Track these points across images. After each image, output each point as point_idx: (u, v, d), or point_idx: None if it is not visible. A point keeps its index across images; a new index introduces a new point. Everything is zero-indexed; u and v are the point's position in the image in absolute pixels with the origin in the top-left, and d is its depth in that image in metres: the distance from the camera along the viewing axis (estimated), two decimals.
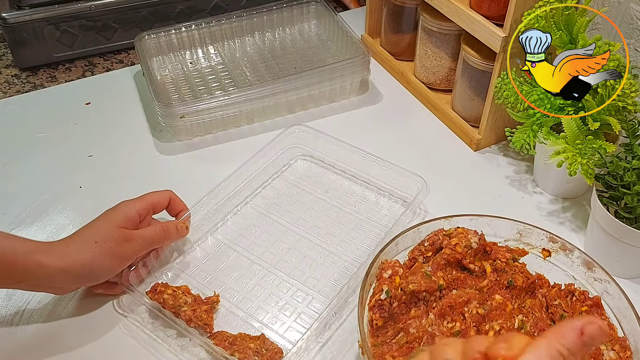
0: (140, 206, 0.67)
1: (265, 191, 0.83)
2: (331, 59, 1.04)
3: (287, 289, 0.71)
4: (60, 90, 1.02)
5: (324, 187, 0.84)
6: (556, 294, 0.63)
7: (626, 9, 0.80)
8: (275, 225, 0.78)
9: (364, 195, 0.82)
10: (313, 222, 0.79)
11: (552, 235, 0.66)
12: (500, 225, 0.68)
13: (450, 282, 0.61)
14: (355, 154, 0.83)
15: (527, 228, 0.67)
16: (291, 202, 0.81)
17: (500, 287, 0.62)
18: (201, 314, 0.64)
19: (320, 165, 0.87)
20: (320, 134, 0.85)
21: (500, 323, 0.58)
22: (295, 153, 0.88)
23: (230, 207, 0.80)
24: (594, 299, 0.62)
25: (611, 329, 0.60)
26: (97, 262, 0.62)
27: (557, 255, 0.67)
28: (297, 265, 0.73)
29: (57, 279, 0.61)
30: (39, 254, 0.59)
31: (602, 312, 0.62)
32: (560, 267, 0.67)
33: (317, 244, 0.76)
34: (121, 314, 0.67)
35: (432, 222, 0.66)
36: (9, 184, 0.84)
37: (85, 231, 0.64)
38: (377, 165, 0.81)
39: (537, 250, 0.67)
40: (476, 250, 0.63)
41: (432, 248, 0.64)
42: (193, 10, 1.15)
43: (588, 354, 0.56)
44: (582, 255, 0.65)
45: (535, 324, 0.61)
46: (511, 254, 0.65)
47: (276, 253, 0.75)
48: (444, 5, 0.84)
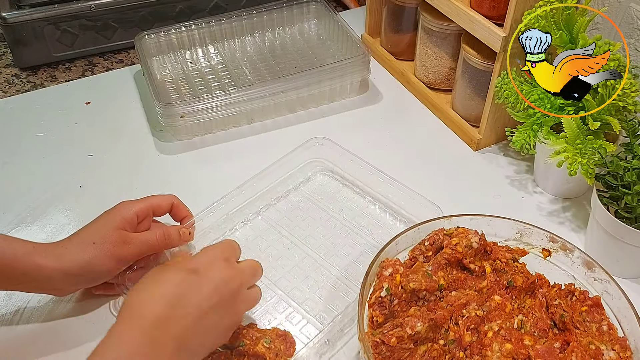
0: (139, 207, 0.67)
1: (280, 204, 0.81)
2: (331, 58, 1.04)
3: (284, 308, 0.69)
4: (60, 90, 1.02)
5: (339, 205, 0.81)
6: (556, 294, 0.63)
7: (626, 9, 0.79)
8: (282, 240, 0.76)
9: (378, 218, 0.79)
10: (321, 241, 0.76)
11: (553, 235, 0.66)
12: (500, 225, 0.68)
13: (451, 282, 0.61)
14: (374, 175, 0.79)
15: (527, 228, 0.67)
16: (303, 218, 0.79)
17: (500, 287, 0.62)
18: None
19: (340, 182, 0.84)
20: (343, 150, 0.82)
21: (499, 323, 0.58)
22: (315, 167, 0.86)
23: (241, 217, 0.78)
24: (594, 298, 0.62)
25: (611, 329, 0.60)
26: (96, 263, 0.62)
27: (557, 255, 0.67)
28: (297, 285, 0.71)
29: (55, 281, 0.61)
30: (37, 255, 0.59)
31: (602, 312, 0.62)
32: (560, 267, 0.67)
33: (321, 265, 0.73)
34: (116, 316, 0.67)
35: (432, 222, 0.66)
36: (9, 184, 0.84)
37: (83, 232, 0.64)
38: (396, 189, 0.78)
39: (537, 250, 0.67)
40: (477, 250, 0.63)
41: (432, 247, 0.64)
42: (193, 10, 1.15)
43: (587, 352, 0.57)
44: (582, 255, 0.65)
45: (535, 324, 0.60)
46: (511, 254, 0.65)
47: (278, 269, 0.73)
48: (444, 5, 0.84)
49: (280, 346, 0.62)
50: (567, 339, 0.59)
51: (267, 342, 0.61)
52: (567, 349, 0.57)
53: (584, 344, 0.57)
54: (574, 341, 0.58)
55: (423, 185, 0.78)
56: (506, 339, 0.56)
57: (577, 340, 0.58)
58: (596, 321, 0.61)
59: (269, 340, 0.62)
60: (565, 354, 0.57)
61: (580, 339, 0.58)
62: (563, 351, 0.58)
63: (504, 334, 0.57)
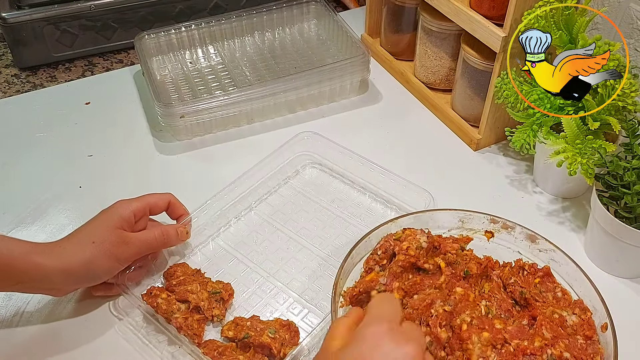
0: (135, 206, 0.67)
1: (271, 198, 0.82)
2: (331, 58, 1.04)
3: (284, 300, 0.69)
4: (60, 90, 1.02)
5: (330, 197, 0.82)
6: (509, 272, 0.65)
7: (626, 9, 0.80)
8: (277, 233, 0.77)
9: (370, 207, 0.80)
10: (316, 233, 0.77)
11: (493, 216, 0.69)
12: (442, 217, 0.69)
13: (409, 288, 0.61)
14: (364, 165, 0.81)
15: (468, 214, 0.69)
16: (296, 211, 0.80)
17: (458, 279, 0.63)
18: (192, 323, 0.64)
19: (329, 174, 0.86)
20: (330, 142, 0.84)
21: (469, 314, 0.58)
22: (304, 160, 0.87)
23: (235, 212, 0.79)
24: (544, 269, 0.65)
25: (565, 294, 0.63)
26: (95, 262, 0.62)
27: (499, 234, 0.69)
28: (295, 275, 0.72)
29: (55, 280, 0.61)
30: (36, 254, 0.59)
31: (553, 280, 0.64)
32: (505, 245, 0.69)
33: (317, 255, 0.74)
34: (116, 317, 0.67)
35: (380, 229, 0.66)
36: (9, 184, 0.84)
37: (82, 232, 0.64)
38: (386, 178, 0.80)
39: (480, 234, 0.69)
40: (427, 249, 0.63)
41: (385, 255, 0.64)
42: (193, 10, 1.15)
43: (554, 322, 0.59)
44: (523, 230, 0.67)
45: (500, 306, 0.62)
46: (458, 244, 0.66)
47: (276, 262, 0.74)
48: (444, 5, 0.84)
49: (285, 335, 0.63)
50: (532, 313, 0.61)
51: (272, 332, 0.62)
52: (535, 324, 0.59)
53: (548, 315, 0.60)
54: (540, 314, 0.60)
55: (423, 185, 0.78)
56: (480, 327, 0.57)
57: (542, 312, 0.60)
58: (550, 290, 0.64)
59: (273, 330, 0.62)
60: (536, 329, 0.59)
61: (543, 311, 0.60)
62: (532, 326, 0.59)
63: (477, 324, 0.57)
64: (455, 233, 0.69)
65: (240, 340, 0.62)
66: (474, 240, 0.68)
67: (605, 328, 0.58)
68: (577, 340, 0.58)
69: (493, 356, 0.55)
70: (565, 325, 0.59)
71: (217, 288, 0.67)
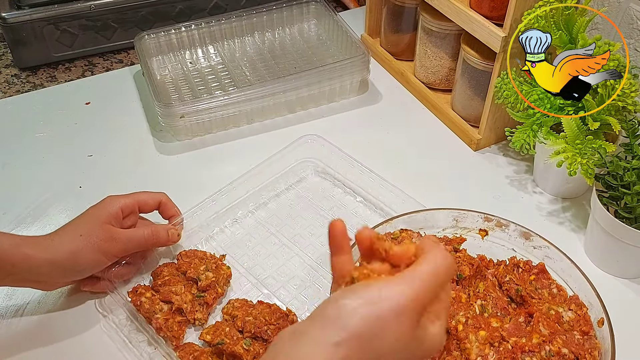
0: (124, 202, 0.67)
1: (270, 201, 0.81)
2: (331, 58, 1.04)
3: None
4: (60, 90, 1.02)
5: (329, 204, 0.81)
6: (504, 270, 0.65)
7: (626, 9, 0.80)
8: (271, 238, 0.76)
9: (369, 218, 0.78)
10: (310, 241, 0.76)
11: (486, 214, 0.69)
12: (436, 216, 0.69)
13: None
14: (364, 175, 0.79)
15: (462, 213, 0.69)
16: (293, 216, 0.79)
17: (451, 282, 0.63)
18: (173, 325, 0.64)
19: (331, 181, 0.84)
20: (334, 148, 0.82)
21: (463, 314, 0.59)
22: (308, 165, 0.86)
23: (231, 214, 0.78)
24: (539, 265, 0.65)
25: (560, 290, 0.63)
26: (81, 254, 0.62)
27: (494, 232, 0.69)
28: (284, 284, 0.71)
29: (43, 271, 0.61)
30: (24, 246, 0.60)
31: (548, 276, 0.65)
32: (499, 243, 0.69)
33: (308, 264, 0.73)
34: (101, 313, 0.68)
35: (376, 229, 0.65)
36: (9, 184, 0.84)
37: (70, 225, 0.65)
38: (386, 190, 0.78)
39: (475, 232, 0.69)
40: None
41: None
42: (193, 10, 1.15)
43: (550, 318, 0.59)
44: (517, 228, 0.67)
45: (495, 305, 0.62)
46: (451, 245, 0.66)
47: (266, 268, 0.73)
48: (444, 5, 0.84)
49: (260, 350, 0.62)
50: (528, 310, 0.62)
51: (247, 344, 0.61)
52: (532, 321, 0.59)
53: (545, 311, 0.60)
54: (537, 311, 0.60)
55: (423, 185, 0.78)
56: (476, 326, 0.58)
57: (538, 309, 0.61)
58: (545, 287, 0.64)
59: (249, 342, 0.62)
60: (532, 325, 0.59)
61: (540, 308, 0.61)
62: (529, 324, 0.60)
63: (472, 323, 0.58)
64: (449, 232, 0.69)
65: (214, 346, 0.61)
66: (469, 239, 0.68)
67: (602, 323, 0.58)
68: (574, 336, 0.58)
69: (491, 354, 0.55)
70: (561, 322, 0.60)
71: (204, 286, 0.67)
